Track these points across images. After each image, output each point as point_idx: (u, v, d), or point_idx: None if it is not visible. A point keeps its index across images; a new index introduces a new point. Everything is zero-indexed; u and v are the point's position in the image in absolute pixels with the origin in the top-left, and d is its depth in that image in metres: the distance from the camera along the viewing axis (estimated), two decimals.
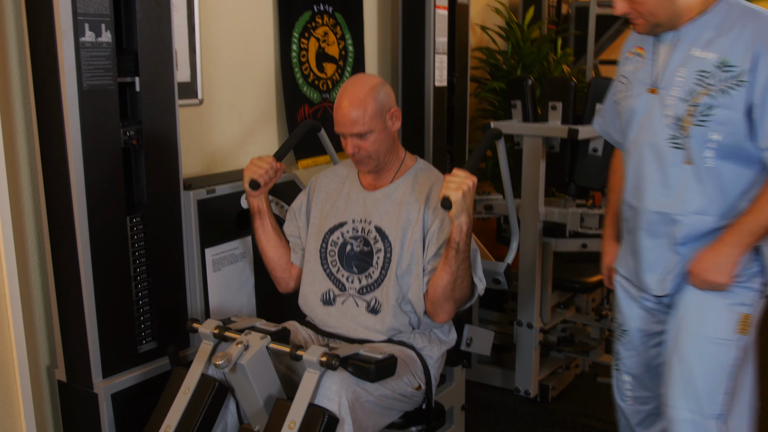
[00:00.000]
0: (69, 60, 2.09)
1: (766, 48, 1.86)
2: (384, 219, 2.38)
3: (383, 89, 2.33)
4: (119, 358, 2.33)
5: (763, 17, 1.91)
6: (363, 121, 2.27)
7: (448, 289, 2.24)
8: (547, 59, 4.51)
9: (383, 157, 2.37)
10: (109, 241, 2.26)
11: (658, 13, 1.97)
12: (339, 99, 2.31)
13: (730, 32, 1.92)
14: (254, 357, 2.01)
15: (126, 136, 2.29)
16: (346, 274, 2.40)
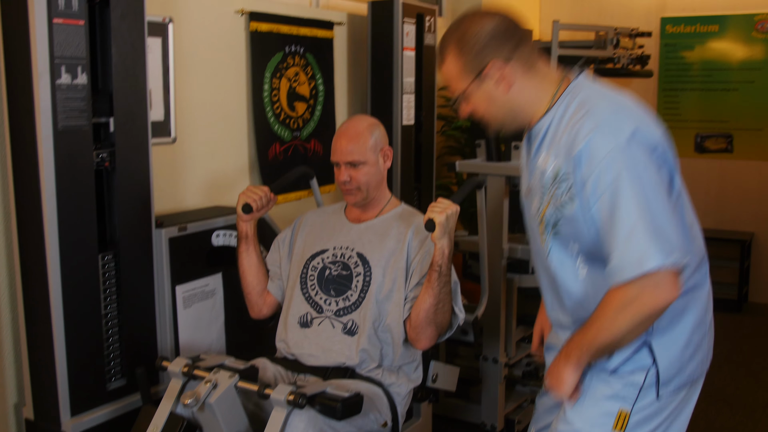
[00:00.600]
0: (45, 101, 2.13)
1: (586, 154, 1.63)
2: (366, 247, 2.48)
3: (379, 129, 2.54)
4: (88, 395, 2.34)
5: (591, 115, 1.67)
6: (359, 151, 2.44)
7: (431, 312, 2.32)
8: None
9: (372, 191, 2.51)
10: (81, 278, 2.28)
11: (497, 115, 1.82)
12: (339, 131, 2.51)
13: (564, 135, 1.70)
14: (222, 396, 2.04)
15: (99, 166, 2.33)
16: (324, 297, 2.46)
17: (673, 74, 6.03)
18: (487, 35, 1.73)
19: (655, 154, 1.62)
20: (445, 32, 1.81)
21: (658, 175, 1.61)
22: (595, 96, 1.72)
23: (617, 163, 1.59)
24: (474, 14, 1.79)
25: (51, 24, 2.12)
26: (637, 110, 1.70)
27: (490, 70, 1.74)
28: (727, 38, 5.81)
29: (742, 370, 4.46)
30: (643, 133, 1.62)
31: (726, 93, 5.87)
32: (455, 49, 1.77)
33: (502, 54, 1.73)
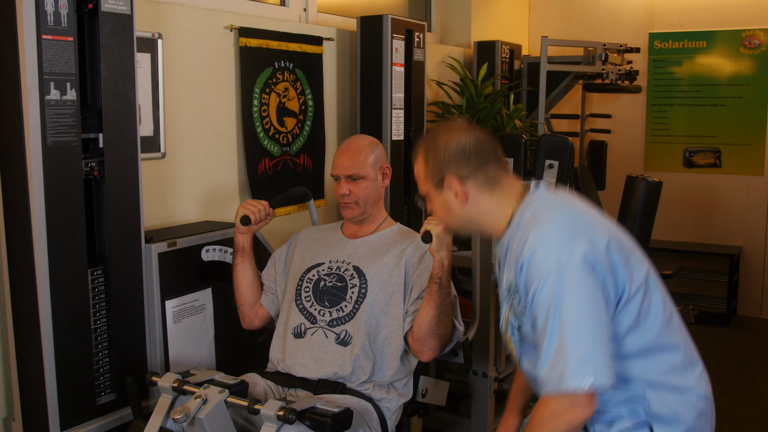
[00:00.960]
0: (34, 117, 2.14)
1: (527, 266, 1.72)
2: (362, 260, 2.52)
3: (380, 147, 2.64)
4: (78, 410, 2.34)
5: (538, 228, 1.74)
6: (359, 165, 2.54)
7: (433, 323, 2.34)
8: (500, 113, 4.65)
9: (369, 207, 2.59)
10: (70, 293, 2.28)
11: (453, 222, 1.95)
12: (341, 147, 2.61)
13: (515, 246, 1.80)
14: (212, 411, 2.04)
15: (88, 176, 2.33)
16: (318, 308, 2.49)
17: (662, 89, 6.09)
18: (452, 151, 1.85)
19: (597, 272, 1.67)
20: (426, 133, 1.99)
21: (596, 295, 1.66)
22: (547, 209, 1.79)
23: (555, 281, 1.66)
24: (451, 127, 1.90)
25: (40, 40, 2.13)
26: (586, 225, 1.75)
27: (447, 183, 1.86)
28: (715, 54, 5.87)
29: (731, 384, 4.48)
30: (586, 252, 1.67)
31: (714, 108, 5.92)
32: (423, 154, 1.91)
33: (461, 172, 1.85)
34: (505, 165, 1.90)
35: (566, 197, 1.88)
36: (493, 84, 4.99)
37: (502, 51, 5.33)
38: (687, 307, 5.44)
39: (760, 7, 5.68)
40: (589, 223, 1.76)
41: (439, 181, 1.88)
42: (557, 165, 3.30)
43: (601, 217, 1.83)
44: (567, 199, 1.87)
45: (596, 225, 1.76)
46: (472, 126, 1.91)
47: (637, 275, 1.76)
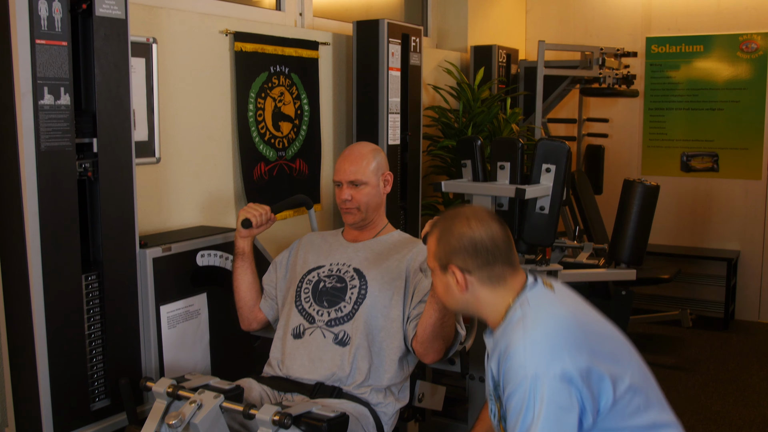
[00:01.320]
0: (27, 122, 2.13)
1: (506, 368, 1.79)
2: (363, 263, 2.55)
3: (382, 155, 2.67)
4: (72, 415, 2.33)
5: (524, 334, 1.78)
6: (361, 172, 2.57)
7: (437, 326, 2.33)
8: (497, 118, 4.65)
9: (370, 212, 2.62)
10: (64, 299, 2.27)
11: (451, 304, 1.99)
12: (343, 153, 2.64)
13: (501, 345, 1.84)
14: (207, 416, 2.03)
15: (82, 176, 2.33)
16: (317, 308, 2.50)
17: (659, 94, 6.09)
18: (464, 243, 1.88)
19: (573, 388, 1.71)
20: (446, 212, 2.00)
21: (565, 412, 1.70)
22: (536, 313, 1.82)
23: (528, 389, 1.71)
24: (470, 217, 1.91)
25: (33, 45, 2.13)
26: (571, 339, 1.77)
27: (451, 270, 1.90)
28: (713, 58, 5.87)
29: (729, 388, 4.47)
30: (564, 369, 1.70)
31: (712, 112, 5.93)
32: (437, 235, 1.96)
33: (466, 265, 1.89)
34: (515, 262, 1.93)
35: (561, 298, 1.91)
36: (490, 88, 4.99)
37: (499, 55, 5.33)
38: (685, 311, 5.45)
39: (757, 11, 5.68)
40: (574, 336, 1.78)
41: (444, 265, 1.93)
42: (554, 169, 3.29)
43: (589, 324, 1.86)
44: (560, 302, 1.89)
45: (581, 339, 1.79)
46: (493, 219, 1.92)
47: (621, 383, 1.79)
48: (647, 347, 5.27)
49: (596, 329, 1.87)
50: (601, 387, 1.76)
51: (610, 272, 3.54)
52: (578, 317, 1.86)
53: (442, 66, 4.97)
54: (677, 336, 5.49)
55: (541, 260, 3.50)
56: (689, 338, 5.44)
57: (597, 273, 3.53)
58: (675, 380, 4.61)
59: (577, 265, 3.61)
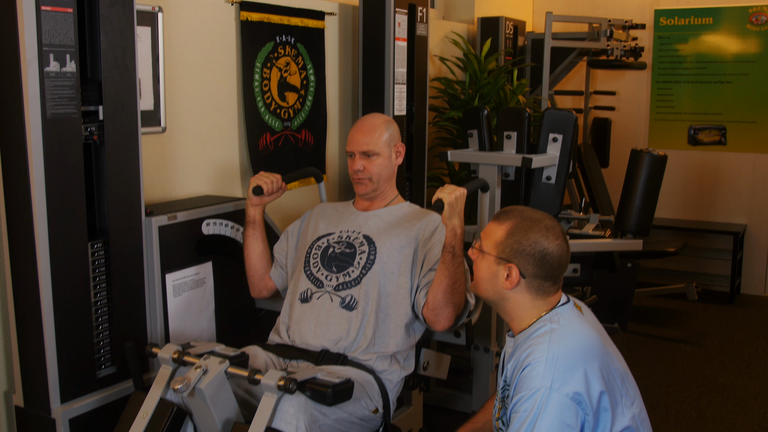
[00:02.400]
0: (33, 89, 2.13)
1: (521, 376, 1.82)
2: (373, 230, 2.60)
3: (394, 126, 2.70)
4: (78, 383, 2.34)
5: (547, 347, 1.83)
6: (374, 142, 2.60)
7: (448, 292, 2.37)
8: (503, 89, 4.63)
9: (382, 183, 2.64)
10: (70, 266, 2.28)
11: (487, 291, 1.99)
12: (356, 124, 2.67)
13: (523, 351, 1.87)
14: (212, 381, 2.04)
15: (88, 140, 2.33)
16: (325, 273, 2.53)
17: (667, 66, 6.04)
18: (536, 252, 1.89)
19: (580, 410, 1.77)
20: (524, 210, 1.97)
21: (568, 429, 1.75)
22: (565, 331, 1.86)
23: (539, 401, 1.75)
24: (550, 228, 1.92)
25: (39, 11, 2.12)
26: (590, 364, 1.82)
27: (509, 267, 1.91)
28: (722, 31, 5.82)
29: (734, 361, 4.48)
30: (578, 391, 1.76)
31: (720, 85, 5.88)
32: (510, 227, 1.93)
33: (527, 270, 1.90)
34: (559, 285, 1.97)
35: (590, 322, 1.95)
36: (497, 60, 4.96)
37: (506, 27, 5.29)
38: (690, 285, 5.44)
39: None
40: (593, 363, 1.82)
41: (504, 258, 1.93)
42: (561, 139, 3.28)
43: (610, 354, 1.90)
44: (589, 325, 1.93)
45: (601, 366, 1.83)
46: (565, 238, 1.95)
47: (620, 422, 1.84)
48: (653, 320, 5.27)
49: (616, 362, 1.92)
50: (603, 417, 1.82)
51: (617, 242, 3.54)
52: (602, 344, 1.90)
53: (448, 37, 4.94)
54: (683, 309, 5.49)
55: None
56: (695, 312, 5.45)
57: (603, 243, 3.52)
58: (680, 353, 4.62)
59: (583, 236, 3.60)
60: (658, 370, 4.33)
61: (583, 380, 1.78)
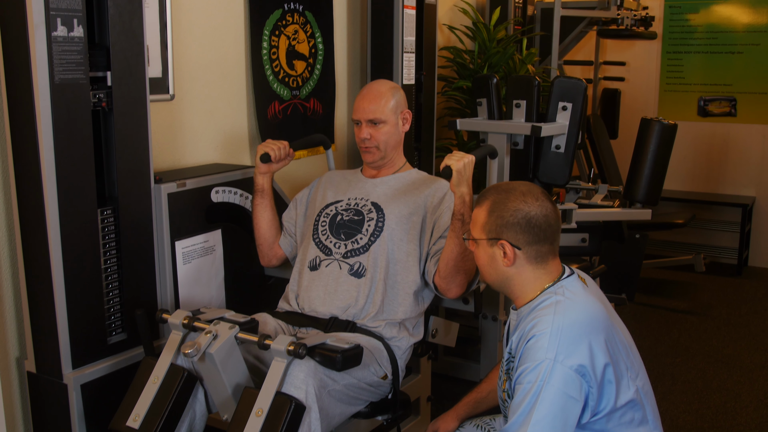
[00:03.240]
0: (41, 54, 2.11)
1: (526, 346, 1.82)
2: (381, 197, 2.59)
3: (400, 92, 2.65)
4: (89, 349, 2.36)
5: (553, 319, 1.82)
6: (380, 110, 2.56)
7: (458, 259, 2.37)
8: (512, 59, 4.59)
9: (390, 151, 2.62)
10: (80, 233, 2.28)
11: (490, 275, 1.97)
12: (362, 91, 2.63)
13: (527, 323, 1.86)
14: (223, 346, 2.05)
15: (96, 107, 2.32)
16: (334, 240, 2.53)
17: (678, 36, 5.99)
18: (519, 218, 1.88)
19: (584, 382, 1.76)
20: (498, 185, 1.97)
21: (572, 403, 1.75)
22: (570, 304, 1.85)
23: (543, 372, 1.75)
24: (526, 193, 1.90)
25: None
26: (596, 337, 1.80)
27: (500, 244, 1.89)
28: (733, 0, 5.75)
29: (741, 332, 4.49)
30: (582, 363, 1.76)
31: (731, 56, 5.83)
32: (489, 207, 1.92)
33: (517, 241, 1.88)
34: (557, 246, 1.95)
35: (595, 294, 1.94)
36: (506, 29, 4.91)
37: None
38: (698, 256, 5.44)
39: None
40: (598, 335, 1.81)
41: (493, 238, 1.92)
42: (571, 107, 3.26)
43: (615, 327, 1.90)
44: (595, 297, 1.92)
45: (606, 338, 1.83)
46: (547, 198, 1.92)
47: (624, 394, 1.84)
48: (660, 292, 5.28)
49: (620, 335, 1.91)
50: (607, 390, 1.81)
51: (626, 212, 3.53)
52: (607, 316, 1.89)
53: (457, 6, 4.89)
54: (690, 281, 5.49)
55: (555, 201, 3.48)
56: (702, 284, 5.45)
57: (612, 212, 3.51)
58: (687, 324, 4.62)
59: (591, 206, 3.59)
60: (665, 341, 4.34)
61: (587, 353, 1.77)
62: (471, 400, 2.29)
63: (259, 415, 1.95)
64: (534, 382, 1.75)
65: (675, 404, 3.54)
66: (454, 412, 2.28)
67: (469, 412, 2.28)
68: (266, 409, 1.95)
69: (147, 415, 2.09)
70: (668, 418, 3.37)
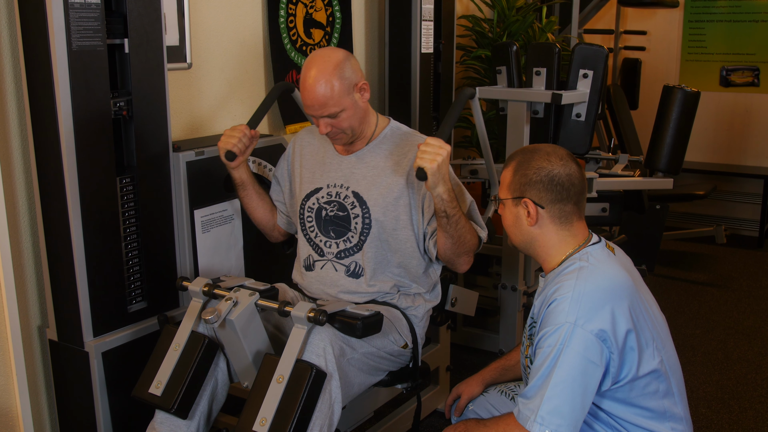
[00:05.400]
0: (58, 20, 2.10)
1: (548, 310, 1.82)
2: (361, 184, 2.39)
3: (347, 64, 2.26)
4: (110, 317, 2.36)
5: (575, 284, 1.81)
6: (333, 102, 2.23)
7: (455, 248, 2.30)
8: (532, 27, 4.53)
9: (357, 129, 2.35)
10: (99, 201, 2.28)
11: (516, 236, 1.98)
12: (304, 80, 2.24)
13: (551, 287, 1.86)
14: (243, 313, 2.05)
15: (115, 97, 2.31)
16: (324, 239, 2.42)
17: (700, 5, 5.89)
18: (542, 176, 1.88)
19: (605, 348, 1.76)
20: (525, 147, 1.97)
21: (592, 367, 1.75)
22: (594, 269, 1.84)
23: (564, 336, 1.75)
24: (551, 153, 1.90)
25: None
26: (619, 304, 1.79)
27: (524, 202, 1.90)
28: None
29: (762, 304, 4.45)
30: (603, 328, 1.75)
31: (754, 24, 5.73)
32: (515, 167, 1.93)
33: (540, 199, 1.88)
34: (583, 209, 1.94)
35: (622, 263, 1.93)
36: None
37: None
38: (719, 228, 5.39)
39: None
40: (621, 302, 1.80)
41: (518, 197, 1.91)
42: (592, 75, 3.21)
43: (642, 297, 1.89)
44: (621, 265, 1.90)
45: (630, 305, 1.82)
46: (572, 158, 1.91)
47: (648, 364, 1.83)
48: (680, 264, 5.24)
49: (647, 305, 1.90)
50: (629, 357, 1.80)
51: (647, 181, 3.48)
52: (633, 285, 1.88)
53: None
54: (710, 254, 5.45)
55: None
56: (723, 256, 5.40)
57: (633, 181, 3.47)
58: (707, 296, 4.59)
59: (612, 175, 3.55)
60: (685, 312, 4.32)
61: (609, 318, 1.76)
62: (498, 366, 2.28)
63: (280, 381, 1.95)
64: (554, 345, 1.75)
65: (695, 375, 3.52)
66: (480, 377, 2.27)
67: (495, 378, 2.27)
68: (287, 376, 1.95)
69: (169, 382, 2.09)
70: (688, 389, 3.33)
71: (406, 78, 3.72)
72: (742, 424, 3.14)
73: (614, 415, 1.87)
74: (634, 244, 4.45)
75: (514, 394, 2.19)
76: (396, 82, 3.78)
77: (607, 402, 1.86)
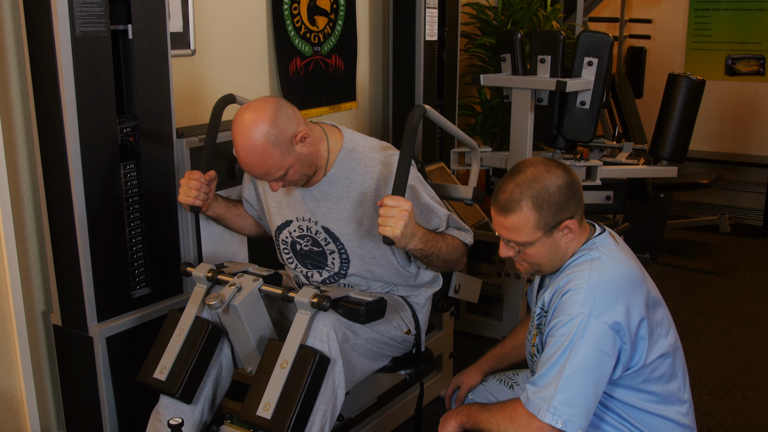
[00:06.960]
0: (62, 6, 2.10)
1: (561, 301, 1.81)
2: (329, 218, 2.27)
3: (277, 124, 2.02)
4: (114, 302, 2.38)
5: (588, 275, 1.80)
6: (275, 168, 2.06)
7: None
8: (536, 15, 4.52)
9: (310, 173, 2.19)
10: (103, 187, 2.29)
11: (546, 260, 1.89)
12: (237, 153, 2.06)
13: (562, 279, 1.86)
14: (247, 298, 2.06)
15: (119, 83, 2.31)
16: (305, 271, 2.38)
17: None
18: (565, 191, 1.82)
19: (618, 338, 1.76)
20: (514, 184, 1.83)
21: (605, 358, 1.75)
22: (607, 260, 1.84)
23: (578, 327, 1.74)
24: (543, 167, 1.83)
25: None
26: (632, 294, 1.80)
27: (564, 225, 1.83)
28: None
29: (765, 293, 4.45)
30: (617, 320, 1.75)
31: (760, 13, 5.70)
32: (534, 203, 1.81)
33: (573, 211, 1.84)
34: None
35: (626, 251, 1.92)
36: None
37: None
38: (723, 216, 5.38)
39: None
40: (635, 293, 1.81)
41: (553, 227, 1.83)
42: (596, 62, 3.20)
43: (648, 284, 1.89)
44: (627, 254, 1.90)
45: (641, 295, 1.82)
46: (555, 162, 1.87)
47: (657, 349, 1.84)
48: (684, 252, 5.23)
49: (653, 292, 1.90)
50: (640, 345, 1.81)
51: (652, 168, 3.47)
52: (641, 273, 1.88)
53: None
54: (714, 242, 5.44)
55: (579, 158, 3.44)
56: (726, 245, 5.39)
57: (638, 169, 3.46)
58: (711, 284, 4.58)
59: (616, 163, 3.54)
60: (688, 300, 4.31)
61: (624, 310, 1.77)
62: (495, 355, 2.29)
63: (283, 367, 1.95)
64: (567, 335, 1.75)
65: (698, 363, 3.52)
66: (478, 367, 2.27)
67: (493, 367, 2.28)
68: (290, 361, 1.95)
69: (173, 367, 2.10)
70: (691, 376, 3.34)
71: (410, 66, 3.71)
72: (744, 411, 3.14)
73: (621, 400, 1.87)
74: (637, 232, 4.44)
75: (513, 383, 2.20)
76: (400, 70, 3.77)
77: (614, 389, 1.86)
